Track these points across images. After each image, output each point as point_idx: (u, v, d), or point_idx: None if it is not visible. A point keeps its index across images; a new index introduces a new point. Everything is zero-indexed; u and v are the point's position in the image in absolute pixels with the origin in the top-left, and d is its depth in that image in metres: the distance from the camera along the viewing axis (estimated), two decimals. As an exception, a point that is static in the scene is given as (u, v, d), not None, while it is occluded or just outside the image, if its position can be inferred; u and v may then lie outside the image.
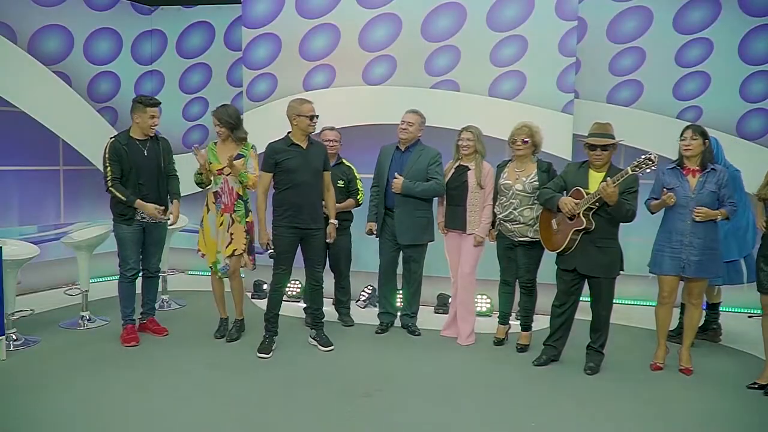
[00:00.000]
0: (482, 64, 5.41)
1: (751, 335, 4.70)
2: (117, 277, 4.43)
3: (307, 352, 4.28)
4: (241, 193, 4.40)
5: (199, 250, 4.50)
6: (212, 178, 4.39)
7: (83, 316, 4.81)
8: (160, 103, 4.35)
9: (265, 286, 5.89)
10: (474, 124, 4.55)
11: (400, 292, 4.98)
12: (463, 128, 4.55)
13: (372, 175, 4.89)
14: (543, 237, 4.13)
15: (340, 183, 4.90)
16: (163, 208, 4.36)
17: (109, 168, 4.19)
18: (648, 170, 3.60)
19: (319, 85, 5.79)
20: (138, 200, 4.21)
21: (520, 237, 4.28)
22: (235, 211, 4.38)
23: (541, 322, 4.60)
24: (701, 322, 4.41)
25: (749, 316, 5.34)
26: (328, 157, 4.45)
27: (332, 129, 4.99)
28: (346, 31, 5.67)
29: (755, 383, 3.80)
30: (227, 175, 4.33)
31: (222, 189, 4.38)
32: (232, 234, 4.37)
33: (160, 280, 4.69)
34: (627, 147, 5.49)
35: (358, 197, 4.99)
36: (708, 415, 3.44)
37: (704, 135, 3.97)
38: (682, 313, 4.64)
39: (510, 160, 4.42)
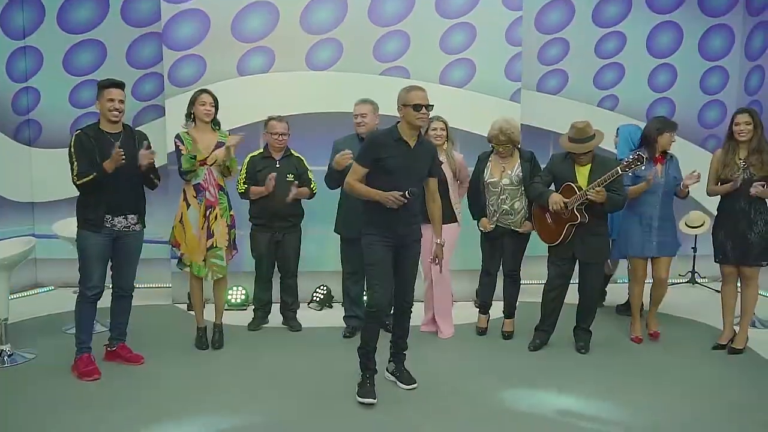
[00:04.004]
0: (432, 51, 5.34)
1: (683, 303, 5.33)
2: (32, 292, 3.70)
3: (287, 358, 4.00)
4: (222, 184, 4.05)
5: (175, 244, 4.05)
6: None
7: (2, 351, 3.89)
8: (122, 83, 3.69)
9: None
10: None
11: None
12: (432, 118, 4.39)
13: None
14: (539, 230, 4.21)
15: (290, 177, 4.55)
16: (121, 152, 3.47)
17: (75, 163, 3.51)
18: (638, 169, 3.84)
19: (256, 69, 5.27)
20: (104, 162, 3.47)
21: (515, 228, 4.32)
22: (218, 204, 4.02)
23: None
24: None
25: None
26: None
27: (281, 119, 4.56)
28: (285, 11, 5.22)
29: (718, 344, 4.26)
30: (211, 165, 3.93)
31: (206, 181, 3.96)
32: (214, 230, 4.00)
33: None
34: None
35: (312, 186, 4.65)
36: (693, 378, 3.76)
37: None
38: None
39: (491, 152, 4.41)
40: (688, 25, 6.12)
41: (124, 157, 3.46)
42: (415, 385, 3.59)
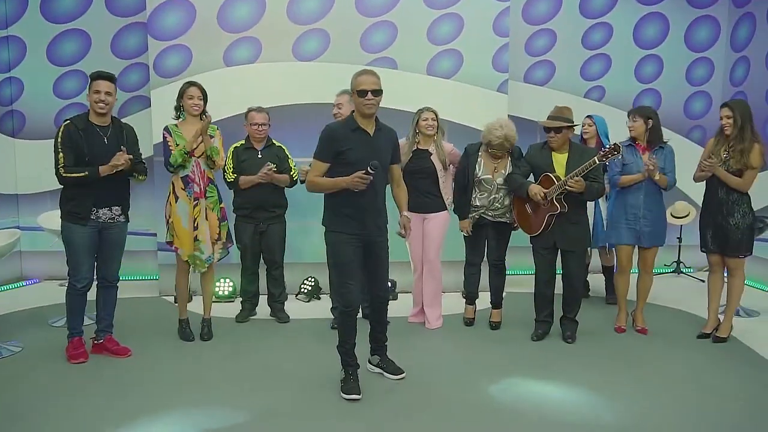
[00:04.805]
0: (419, 42, 5.32)
1: (668, 293, 5.38)
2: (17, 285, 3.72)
3: (275, 350, 3.98)
4: (211, 177, 4.06)
5: (171, 244, 4.04)
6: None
7: (-13, 345, 3.87)
8: (111, 76, 3.66)
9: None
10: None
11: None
12: (422, 109, 4.44)
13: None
14: (520, 221, 4.26)
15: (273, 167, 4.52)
16: (127, 157, 3.55)
17: (61, 154, 3.50)
18: (614, 159, 3.88)
19: (242, 59, 5.23)
20: (100, 166, 3.50)
21: (500, 218, 4.36)
22: (207, 197, 4.01)
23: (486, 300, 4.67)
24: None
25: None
26: (394, 147, 3.50)
27: (260, 110, 4.53)
28: (272, 1, 5.19)
29: (702, 333, 4.31)
30: (198, 157, 3.93)
31: (193, 173, 3.95)
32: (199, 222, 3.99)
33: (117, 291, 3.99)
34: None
35: (292, 174, 4.58)
36: (677, 366, 3.80)
37: (646, 116, 4.28)
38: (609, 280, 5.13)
39: (480, 145, 4.41)
40: (674, 17, 6.15)
41: (123, 164, 3.51)
42: (403, 375, 3.59)
